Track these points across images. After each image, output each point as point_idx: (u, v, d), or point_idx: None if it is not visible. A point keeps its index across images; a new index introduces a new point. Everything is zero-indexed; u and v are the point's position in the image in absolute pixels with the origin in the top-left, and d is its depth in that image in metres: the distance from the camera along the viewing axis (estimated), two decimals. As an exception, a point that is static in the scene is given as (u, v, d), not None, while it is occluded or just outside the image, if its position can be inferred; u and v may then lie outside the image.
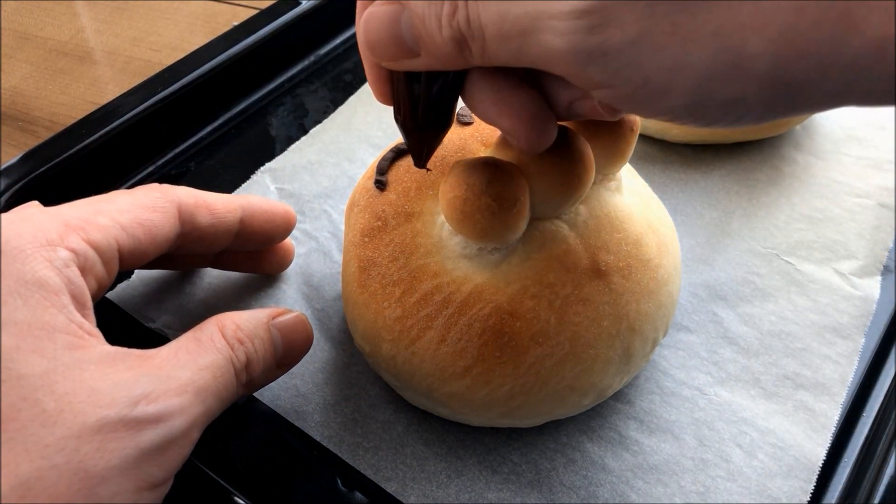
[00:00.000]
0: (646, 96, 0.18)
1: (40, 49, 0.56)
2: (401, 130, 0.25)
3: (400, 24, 0.20)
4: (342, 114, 0.44)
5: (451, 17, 0.19)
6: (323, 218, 0.38)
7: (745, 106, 0.17)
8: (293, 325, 0.27)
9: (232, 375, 0.24)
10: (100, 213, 0.25)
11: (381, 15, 0.21)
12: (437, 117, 0.24)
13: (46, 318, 0.21)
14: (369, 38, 0.21)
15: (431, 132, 0.25)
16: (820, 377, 0.31)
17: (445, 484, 0.28)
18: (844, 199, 0.38)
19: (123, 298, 0.34)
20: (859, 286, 0.34)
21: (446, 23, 0.19)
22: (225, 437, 0.30)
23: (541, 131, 0.22)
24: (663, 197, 0.38)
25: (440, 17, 0.19)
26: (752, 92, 0.17)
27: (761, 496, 0.27)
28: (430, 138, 0.25)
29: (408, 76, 0.23)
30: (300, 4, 0.48)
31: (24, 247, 0.22)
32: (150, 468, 0.21)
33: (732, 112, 0.18)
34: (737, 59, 0.16)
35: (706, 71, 0.17)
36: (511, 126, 0.22)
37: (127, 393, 0.21)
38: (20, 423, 0.19)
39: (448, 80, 0.23)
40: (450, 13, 0.19)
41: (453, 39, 0.19)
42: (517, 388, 0.26)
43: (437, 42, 0.20)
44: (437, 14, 0.19)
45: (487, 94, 0.22)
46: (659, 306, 0.28)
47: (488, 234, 0.25)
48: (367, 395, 0.31)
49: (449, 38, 0.19)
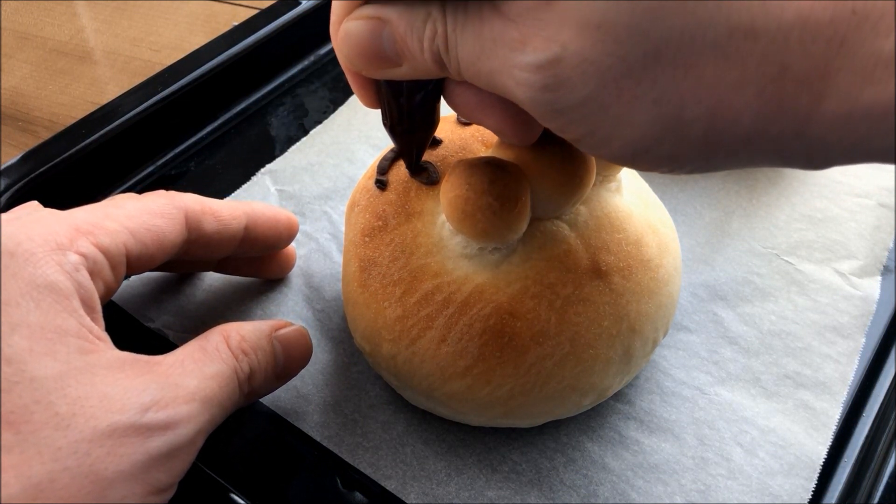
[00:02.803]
0: (592, 144, 0.20)
1: (40, 49, 0.56)
2: (389, 134, 0.26)
3: (381, 39, 0.21)
4: (342, 114, 0.44)
5: (432, 41, 0.20)
6: (323, 219, 0.38)
7: (679, 161, 0.19)
8: (294, 338, 0.28)
9: (236, 386, 0.24)
10: (108, 217, 0.25)
11: (361, 29, 0.21)
12: (423, 119, 0.25)
13: (58, 321, 0.21)
14: (350, 52, 0.22)
15: (419, 133, 0.26)
16: (820, 376, 0.31)
17: (445, 482, 0.28)
18: (844, 199, 0.38)
19: (123, 298, 0.34)
20: (859, 286, 0.34)
21: (427, 46, 0.20)
22: (226, 438, 0.30)
23: (527, 125, 0.23)
24: (663, 197, 0.38)
25: (422, 39, 0.20)
26: (687, 151, 0.19)
27: (762, 495, 0.27)
28: (419, 140, 0.26)
29: (391, 83, 0.24)
30: (300, 4, 0.48)
31: (36, 250, 0.22)
32: (157, 474, 0.21)
33: (669, 164, 0.19)
34: (674, 124, 0.18)
35: (646, 130, 0.18)
36: (497, 124, 0.23)
37: (137, 399, 0.21)
38: (33, 425, 0.19)
39: (430, 85, 0.24)
40: (431, 37, 0.20)
41: (434, 58, 0.20)
42: (517, 388, 0.26)
43: (417, 58, 0.21)
44: (419, 37, 0.20)
45: (470, 95, 0.23)
46: (659, 306, 0.28)
47: (489, 233, 0.25)
48: (367, 395, 0.31)
49: (430, 57, 0.20)
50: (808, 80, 0.16)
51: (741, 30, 0.16)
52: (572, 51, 0.17)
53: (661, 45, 0.17)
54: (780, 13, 0.16)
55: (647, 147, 0.19)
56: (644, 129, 0.18)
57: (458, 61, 0.20)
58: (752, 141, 0.18)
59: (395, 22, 0.20)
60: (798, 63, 0.16)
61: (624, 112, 0.18)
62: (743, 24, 0.16)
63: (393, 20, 0.20)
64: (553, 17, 0.17)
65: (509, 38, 0.18)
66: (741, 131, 0.18)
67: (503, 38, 0.19)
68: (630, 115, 0.18)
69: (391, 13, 0.20)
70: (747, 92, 0.17)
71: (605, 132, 0.19)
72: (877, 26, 0.15)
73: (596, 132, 0.19)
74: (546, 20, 0.18)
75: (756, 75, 0.17)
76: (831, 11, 0.16)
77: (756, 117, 0.17)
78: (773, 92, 0.17)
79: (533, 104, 0.19)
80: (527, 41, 0.18)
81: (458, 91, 0.23)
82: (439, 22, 0.20)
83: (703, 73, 0.17)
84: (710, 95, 0.17)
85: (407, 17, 0.20)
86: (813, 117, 0.17)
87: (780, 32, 0.16)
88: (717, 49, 0.17)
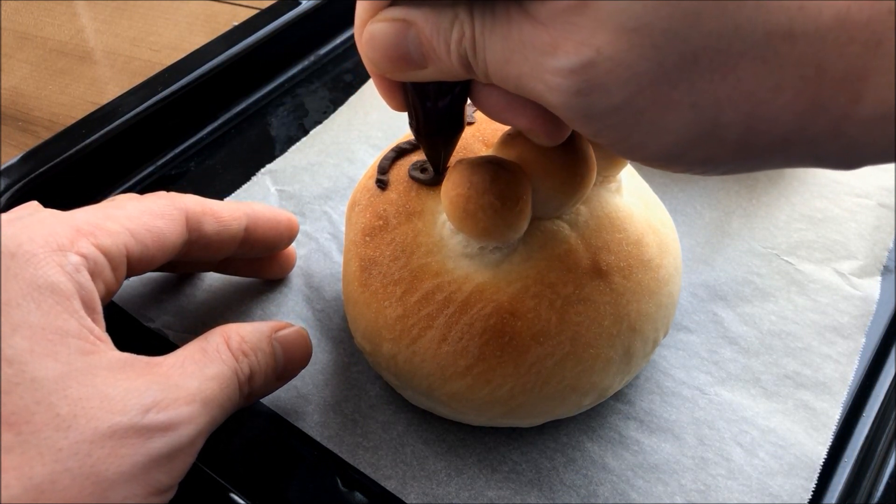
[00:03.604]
0: (625, 148, 0.20)
1: (40, 49, 0.56)
2: (416, 138, 0.26)
3: (407, 41, 0.20)
4: (342, 114, 0.44)
5: (459, 44, 0.20)
6: (323, 219, 0.38)
7: (714, 163, 0.19)
8: (294, 339, 0.28)
9: (236, 387, 0.24)
10: (109, 218, 0.25)
11: (386, 31, 0.21)
12: (451, 122, 0.25)
13: (59, 322, 0.21)
14: (375, 55, 0.21)
15: (447, 136, 0.26)
16: (820, 376, 0.31)
17: (445, 482, 0.28)
18: (844, 199, 0.38)
19: (123, 298, 0.34)
20: (859, 286, 0.34)
21: (454, 48, 0.20)
22: (226, 438, 0.30)
23: (558, 124, 0.23)
24: (663, 197, 0.38)
25: (448, 42, 0.20)
26: (722, 154, 0.19)
27: (762, 495, 0.27)
28: (447, 143, 0.26)
29: (417, 86, 0.23)
30: (300, 4, 0.48)
31: (36, 251, 0.22)
32: (158, 475, 0.21)
33: (703, 167, 0.20)
34: (711, 128, 0.18)
35: (682, 135, 0.18)
36: (529, 125, 0.23)
37: (138, 400, 0.21)
38: (34, 426, 0.19)
39: (457, 88, 0.23)
40: (458, 40, 0.20)
41: (461, 61, 0.20)
42: (518, 387, 0.26)
43: (444, 61, 0.20)
44: (446, 40, 0.20)
45: (498, 97, 0.22)
46: (659, 306, 0.28)
47: (490, 232, 0.25)
48: (367, 395, 0.31)
49: (456, 60, 0.20)
50: (846, 82, 0.16)
51: (779, 32, 0.16)
52: (607, 55, 0.17)
53: (699, 50, 0.17)
54: (818, 15, 0.16)
55: (682, 151, 0.19)
56: (680, 134, 0.18)
57: (486, 64, 0.20)
58: (788, 143, 0.18)
59: (420, 24, 0.20)
60: (835, 64, 0.16)
61: (659, 117, 0.18)
62: (781, 27, 0.16)
63: (419, 22, 0.20)
64: (586, 21, 0.17)
65: (540, 41, 0.18)
66: (778, 134, 0.17)
67: (533, 42, 0.18)
68: (666, 120, 0.18)
69: (417, 15, 0.20)
70: (785, 95, 0.17)
71: (640, 137, 0.19)
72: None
73: (630, 137, 0.19)
74: (578, 23, 0.17)
75: (793, 78, 0.16)
76: (868, 12, 0.16)
77: (793, 120, 0.17)
78: (810, 94, 0.17)
79: (565, 109, 0.19)
80: (558, 45, 0.18)
81: (486, 93, 0.22)
82: (467, 24, 0.19)
83: (741, 77, 0.17)
84: (748, 100, 0.17)
85: (433, 20, 0.20)
86: (850, 118, 0.17)
87: (818, 34, 0.16)
88: (756, 52, 0.16)
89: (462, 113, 0.25)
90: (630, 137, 0.19)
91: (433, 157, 0.27)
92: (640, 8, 0.17)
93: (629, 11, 0.17)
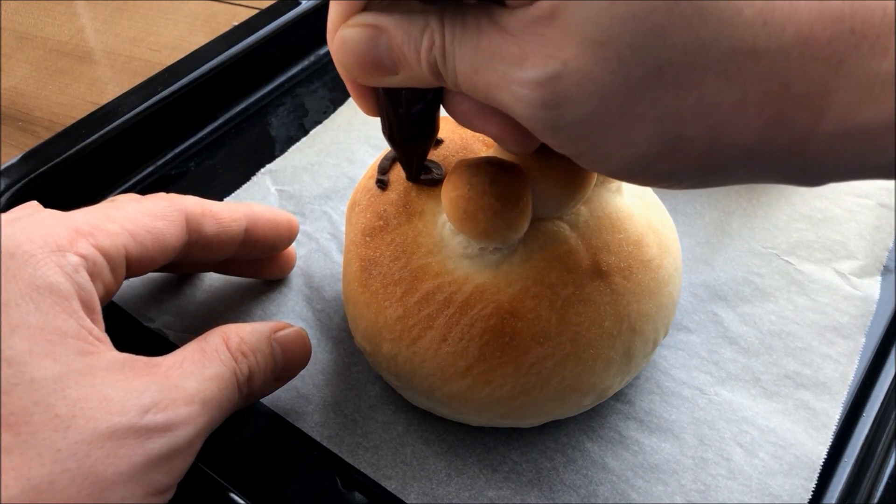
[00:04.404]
0: (591, 160, 0.20)
1: (40, 49, 0.56)
2: (389, 143, 0.26)
3: (378, 47, 0.21)
4: (342, 114, 0.44)
5: (429, 52, 0.20)
6: (323, 219, 0.38)
7: (678, 177, 0.19)
8: (293, 340, 0.28)
9: (235, 387, 0.24)
10: (109, 219, 0.25)
11: (358, 37, 0.21)
12: (423, 128, 0.25)
13: (58, 323, 0.21)
14: (346, 59, 0.22)
15: (419, 143, 0.26)
16: (820, 376, 0.31)
17: (445, 482, 0.28)
18: (844, 199, 0.38)
19: (123, 298, 0.34)
20: (859, 286, 0.34)
21: (424, 56, 0.20)
22: (225, 438, 0.30)
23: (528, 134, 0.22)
24: (663, 197, 0.38)
25: (419, 49, 0.20)
26: (686, 168, 0.19)
27: (762, 494, 0.27)
28: (419, 149, 0.26)
29: (389, 92, 0.23)
30: (300, 4, 0.48)
31: (35, 251, 0.22)
32: (156, 475, 0.21)
33: (668, 180, 0.20)
34: (675, 142, 0.18)
35: (646, 148, 0.18)
36: (497, 133, 0.23)
37: (137, 401, 0.21)
38: (33, 426, 0.19)
39: (429, 94, 0.23)
40: (428, 48, 0.20)
41: (431, 69, 0.20)
42: (518, 388, 0.26)
43: (414, 68, 0.21)
44: (417, 47, 0.20)
45: (469, 104, 0.22)
46: (660, 306, 0.28)
47: (490, 233, 0.25)
48: (367, 395, 0.31)
49: (426, 67, 0.20)
50: (807, 100, 0.16)
51: (743, 49, 0.16)
52: (574, 68, 0.17)
53: (664, 64, 0.17)
54: (781, 33, 0.16)
55: (646, 164, 0.19)
56: (644, 147, 0.18)
57: (456, 73, 0.20)
58: (751, 159, 0.18)
59: (392, 31, 0.20)
60: (797, 83, 0.16)
61: (624, 130, 0.18)
62: (745, 44, 0.16)
63: (390, 29, 0.20)
64: (554, 33, 0.17)
65: (508, 52, 0.18)
66: (740, 150, 0.18)
67: (502, 53, 0.18)
68: (630, 133, 0.18)
69: (388, 22, 0.20)
70: (748, 111, 0.17)
71: (605, 149, 0.19)
72: (874, 46, 0.16)
73: (595, 149, 0.19)
74: (546, 36, 0.17)
75: (757, 94, 0.17)
76: (830, 31, 0.16)
77: (756, 136, 0.17)
78: (772, 111, 0.17)
79: (532, 120, 0.19)
80: (526, 56, 0.18)
81: (458, 100, 0.23)
82: (437, 33, 0.20)
83: (705, 93, 0.17)
84: (712, 114, 0.17)
85: (404, 27, 0.20)
86: (811, 136, 0.17)
87: (781, 52, 0.16)
88: (720, 68, 0.17)
89: (435, 119, 0.25)
90: (595, 150, 0.19)
91: (406, 163, 0.28)
92: (607, 22, 0.17)
93: (596, 25, 0.17)
